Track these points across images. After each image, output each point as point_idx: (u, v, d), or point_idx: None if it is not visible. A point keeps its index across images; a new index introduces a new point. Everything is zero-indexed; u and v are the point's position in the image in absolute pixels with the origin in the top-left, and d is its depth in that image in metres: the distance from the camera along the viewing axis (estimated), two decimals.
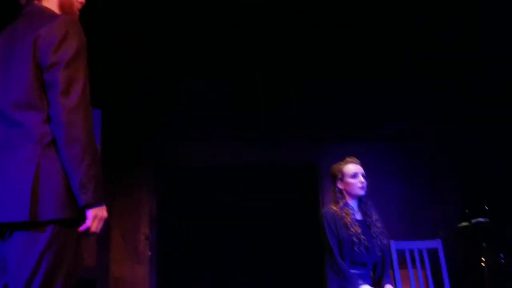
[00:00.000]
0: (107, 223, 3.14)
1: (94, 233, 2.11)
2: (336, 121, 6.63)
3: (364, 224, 3.69)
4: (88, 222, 2.07)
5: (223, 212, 6.59)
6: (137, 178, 6.36)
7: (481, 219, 5.71)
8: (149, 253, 6.15)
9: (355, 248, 3.55)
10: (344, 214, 3.64)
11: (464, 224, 5.86)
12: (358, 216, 3.73)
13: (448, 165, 6.79)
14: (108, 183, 5.86)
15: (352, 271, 3.54)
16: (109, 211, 2.21)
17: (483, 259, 5.75)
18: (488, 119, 6.44)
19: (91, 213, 2.07)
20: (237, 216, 6.58)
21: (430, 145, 6.79)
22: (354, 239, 3.56)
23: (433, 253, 4.12)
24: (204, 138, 6.49)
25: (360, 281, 3.48)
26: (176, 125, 6.49)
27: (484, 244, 5.76)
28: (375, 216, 3.73)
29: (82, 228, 2.08)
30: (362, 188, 3.70)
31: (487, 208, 5.87)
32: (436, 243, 4.16)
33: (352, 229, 3.58)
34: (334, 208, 3.70)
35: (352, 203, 3.74)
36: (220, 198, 6.60)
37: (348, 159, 3.83)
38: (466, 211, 5.96)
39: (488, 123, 6.44)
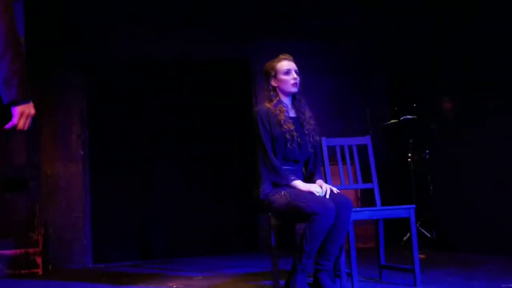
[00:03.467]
0: (37, 121, 3.05)
1: (21, 130, 2.05)
2: (269, 17, 6.55)
3: (298, 121, 3.73)
4: (14, 119, 2.01)
5: (154, 110, 6.51)
6: (66, 76, 6.15)
7: (408, 117, 5.91)
8: (82, 152, 6.11)
9: (288, 145, 3.61)
10: (278, 112, 3.65)
11: (392, 121, 6.05)
12: (292, 113, 3.76)
13: (378, 64, 6.89)
14: (36, 80, 5.69)
15: (285, 167, 3.62)
16: (38, 109, 2.14)
17: (409, 154, 6.00)
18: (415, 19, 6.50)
19: (17, 110, 2.00)
20: (169, 113, 6.51)
21: (361, 43, 6.83)
22: (287, 136, 3.60)
23: (362, 149, 4.22)
24: (131, 31, 6.27)
25: (293, 177, 3.56)
26: (103, 21, 6.24)
27: (410, 141, 5.99)
28: (308, 114, 3.76)
29: (8, 125, 2.02)
30: (295, 84, 3.70)
31: (414, 105, 6.06)
32: (365, 140, 4.24)
33: (285, 126, 3.61)
34: (268, 105, 3.70)
35: (286, 100, 3.75)
36: (150, 95, 6.49)
37: (281, 56, 3.80)
38: (396, 108, 6.14)
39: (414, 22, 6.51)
